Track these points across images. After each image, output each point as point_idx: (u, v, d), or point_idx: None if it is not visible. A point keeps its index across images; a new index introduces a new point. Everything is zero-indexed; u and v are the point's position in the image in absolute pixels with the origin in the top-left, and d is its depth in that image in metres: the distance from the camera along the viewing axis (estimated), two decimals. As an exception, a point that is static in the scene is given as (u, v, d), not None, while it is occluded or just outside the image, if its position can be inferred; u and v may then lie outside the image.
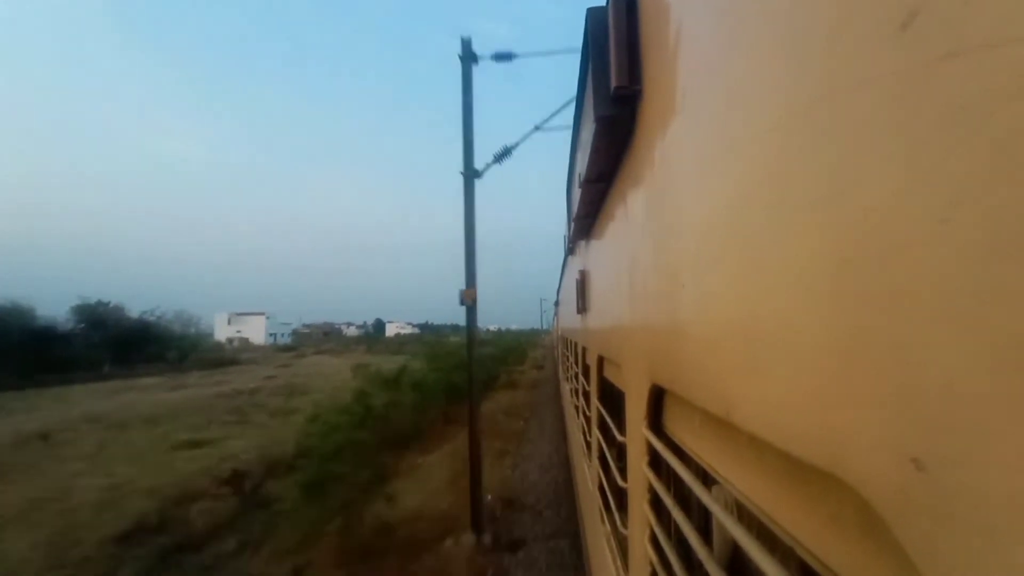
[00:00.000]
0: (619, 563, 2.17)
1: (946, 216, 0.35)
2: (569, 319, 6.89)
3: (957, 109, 0.35)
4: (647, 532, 1.36)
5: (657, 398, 1.34)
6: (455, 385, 14.30)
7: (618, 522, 2.25)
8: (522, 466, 10.32)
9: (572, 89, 2.43)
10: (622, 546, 2.17)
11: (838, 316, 0.48)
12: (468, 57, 7.34)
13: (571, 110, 2.69)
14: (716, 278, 0.82)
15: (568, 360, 7.81)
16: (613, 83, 1.37)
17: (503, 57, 7.50)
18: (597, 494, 2.91)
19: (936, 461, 0.36)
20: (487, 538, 6.79)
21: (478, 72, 7.36)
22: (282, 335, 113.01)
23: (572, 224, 3.60)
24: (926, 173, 0.37)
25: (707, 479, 1.01)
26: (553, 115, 6.97)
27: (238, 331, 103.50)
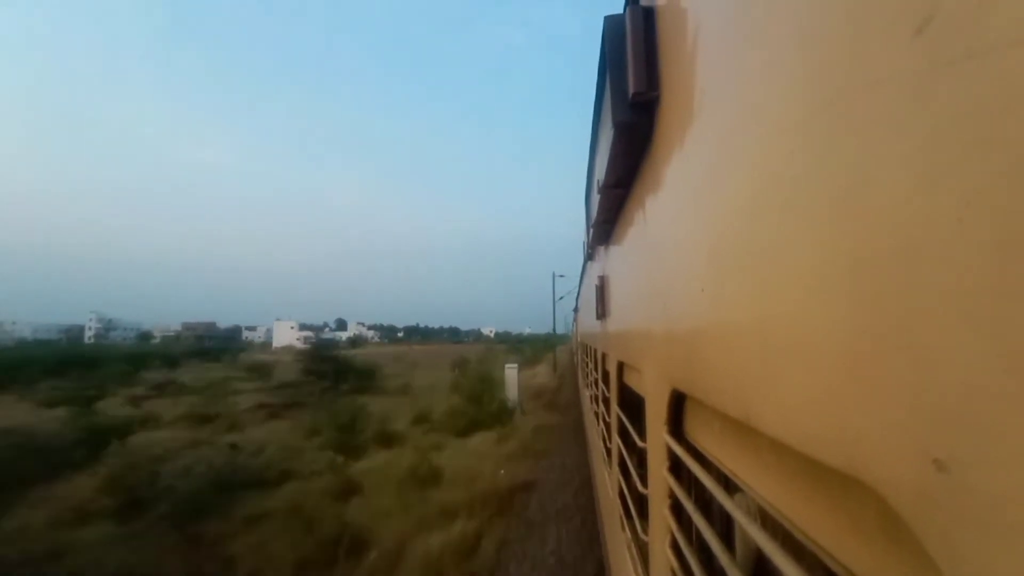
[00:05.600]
0: (640, 570, 2.14)
1: (962, 216, 0.35)
2: (588, 324, 6.85)
3: (972, 110, 0.35)
4: (668, 538, 1.35)
5: (677, 403, 1.33)
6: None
7: (639, 528, 2.22)
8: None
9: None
10: (643, 552, 2.14)
11: (856, 318, 0.48)
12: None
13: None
14: (734, 281, 0.82)
15: (588, 366, 7.76)
16: (631, 89, 1.38)
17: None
18: (618, 500, 2.89)
19: (958, 462, 0.36)
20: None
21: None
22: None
23: (591, 230, 3.60)
24: (941, 174, 0.38)
25: (728, 483, 1.01)
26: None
27: None
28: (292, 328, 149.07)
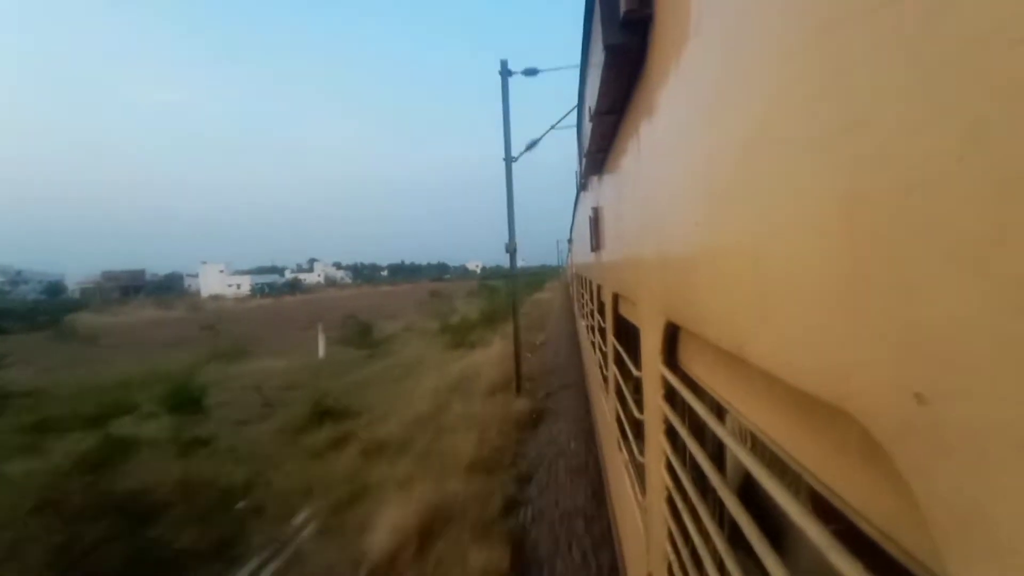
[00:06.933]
0: (637, 488, 2.30)
1: (963, 154, 0.34)
2: (583, 256, 6.87)
3: (978, 40, 0.33)
4: (663, 460, 1.44)
5: (672, 335, 1.36)
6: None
7: (635, 450, 2.36)
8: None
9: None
10: (639, 472, 2.29)
11: (849, 254, 0.48)
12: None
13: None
14: (729, 214, 0.81)
15: (583, 297, 7.88)
16: (623, 7, 1.29)
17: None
18: (615, 424, 3.04)
19: (938, 396, 0.37)
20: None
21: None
22: None
23: (584, 159, 3.50)
24: (943, 108, 0.36)
25: (720, 412, 1.05)
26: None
27: None
28: (221, 272, 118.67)
